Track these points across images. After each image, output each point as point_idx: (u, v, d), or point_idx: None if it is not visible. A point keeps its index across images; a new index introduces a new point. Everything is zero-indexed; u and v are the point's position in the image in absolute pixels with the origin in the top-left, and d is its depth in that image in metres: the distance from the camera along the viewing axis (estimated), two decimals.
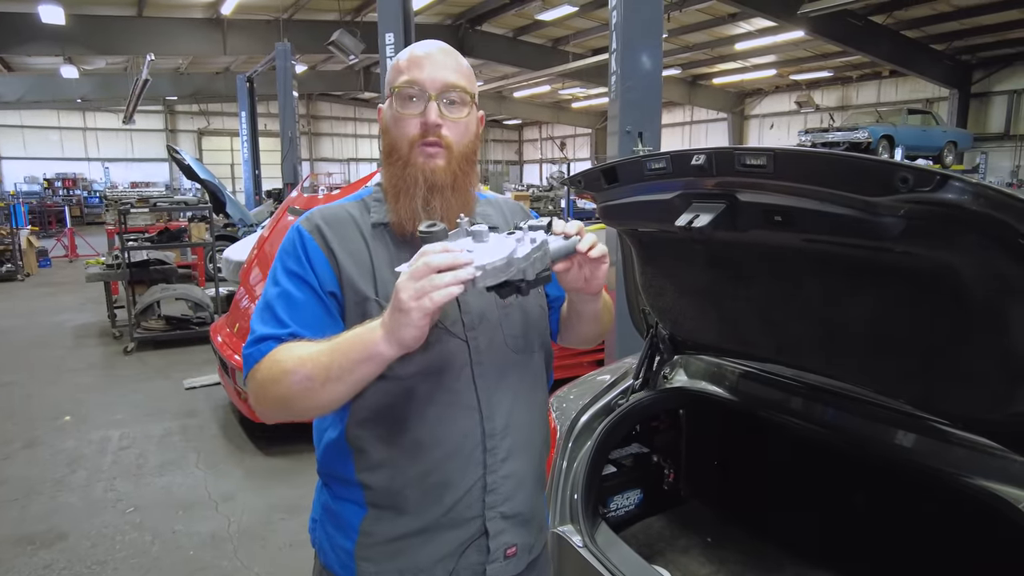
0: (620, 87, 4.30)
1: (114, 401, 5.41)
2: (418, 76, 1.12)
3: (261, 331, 1.09)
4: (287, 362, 1.02)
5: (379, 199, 1.20)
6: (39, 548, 3.27)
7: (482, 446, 1.15)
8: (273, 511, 3.56)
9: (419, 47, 1.17)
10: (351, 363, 0.97)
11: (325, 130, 30.54)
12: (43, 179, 24.96)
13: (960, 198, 1.04)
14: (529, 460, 1.23)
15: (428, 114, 1.11)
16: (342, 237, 1.14)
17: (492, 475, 1.16)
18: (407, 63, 1.15)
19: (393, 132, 1.15)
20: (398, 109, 1.13)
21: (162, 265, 7.62)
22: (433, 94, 1.11)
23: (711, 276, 1.85)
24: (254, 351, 1.08)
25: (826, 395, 1.96)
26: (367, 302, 1.11)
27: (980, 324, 1.27)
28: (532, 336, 1.24)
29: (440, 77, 1.12)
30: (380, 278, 1.12)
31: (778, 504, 2.35)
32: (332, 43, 10.77)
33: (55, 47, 13.67)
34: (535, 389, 1.26)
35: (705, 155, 1.40)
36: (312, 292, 1.11)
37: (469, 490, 1.14)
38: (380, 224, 1.17)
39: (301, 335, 1.07)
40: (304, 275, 1.11)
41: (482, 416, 1.15)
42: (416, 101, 1.12)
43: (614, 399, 2.19)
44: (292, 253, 1.14)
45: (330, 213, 1.18)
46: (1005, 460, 1.52)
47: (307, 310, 1.10)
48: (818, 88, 21.44)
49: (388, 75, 1.18)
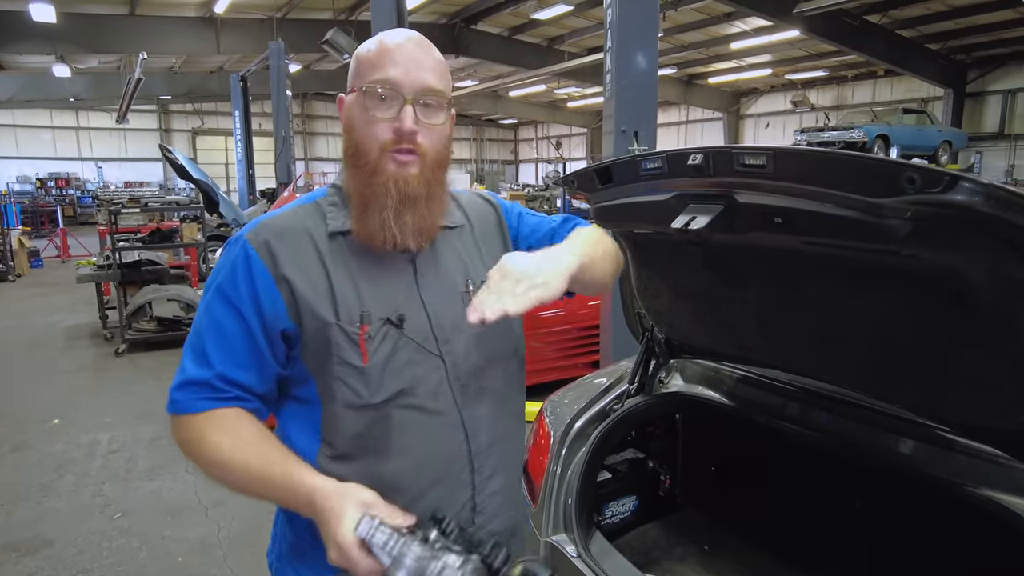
0: (615, 86, 4.26)
1: (104, 404, 5.35)
2: (393, 75, 1.02)
3: (188, 372, 1.02)
4: (210, 453, 1.01)
5: (335, 203, 1.09)
6: (24, 555, 3.21)
7: (469, 466, 1.09)
8: (263, 517, 3.49)
9: (391, 36, 1.06)
10: (275, 500, 0.99)
11: (320, 129, 30.47)
12: (36, 179, 24.84)
13: (970, 199, 1.00)
14: (513, 472, 1.19)
15: (403, 119, 1.01)
16: (295, 255, 1.03)
17: (480, 495, 1.10)
18: (378, 55, 1.04)
19: (360, 132, 1.04)
20: (369, 109, 1.02)
21: (154, 266, 7.55)
22: (409, 97, 1.02)
23: (708, 279, 1.81)
24: (180, 400, 1.03)
25: (824, 400, 1.92)
26: (329, 328, 1.02)
27: (988, 329, 1.23)
28: (508, 341, 1.17)
29: (418, 78, 1.02)
30: (340, 299, 1.03)
31: (775, 511, 2.31)
32: (326, 42, 10.70)
33: (47, 46, 13.58)
34: (513, 397, 1.20)
35: (702, 155, 1.35)
36: (245, 326, 1.01)
37: (458, 514, 1.08)
38: (338, 233, 1.06)
39: (230, 376, 1.01)
40: (240, 305, 1.01)
41: (467, 435, 1.08)
42: (388, 102, 1.02)
43: (609, 404, 2.15)
44: (231, 275, 1.02)
45: (280, 224, 1.05)
46: (1010, 469, 1.48)
47: (237, 347, 1.01)
48: (813, 87, 21.49)
49: (355, 64, 1.07)
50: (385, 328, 1.03)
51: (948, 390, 1.43)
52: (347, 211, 1.07)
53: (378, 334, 1.03)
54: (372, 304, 1.04)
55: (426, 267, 1.10)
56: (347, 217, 1.07)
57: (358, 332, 1.02)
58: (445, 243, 1.14)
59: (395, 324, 1.04)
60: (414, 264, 1.09)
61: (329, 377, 1.03)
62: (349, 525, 0.89)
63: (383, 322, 1.03)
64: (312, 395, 1.05)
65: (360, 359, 1.02)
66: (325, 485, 0.95)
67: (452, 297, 1.10)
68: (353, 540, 0.88)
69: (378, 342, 1.03)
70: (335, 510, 0.91)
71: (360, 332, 1.02)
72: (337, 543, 0.89)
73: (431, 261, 1.11)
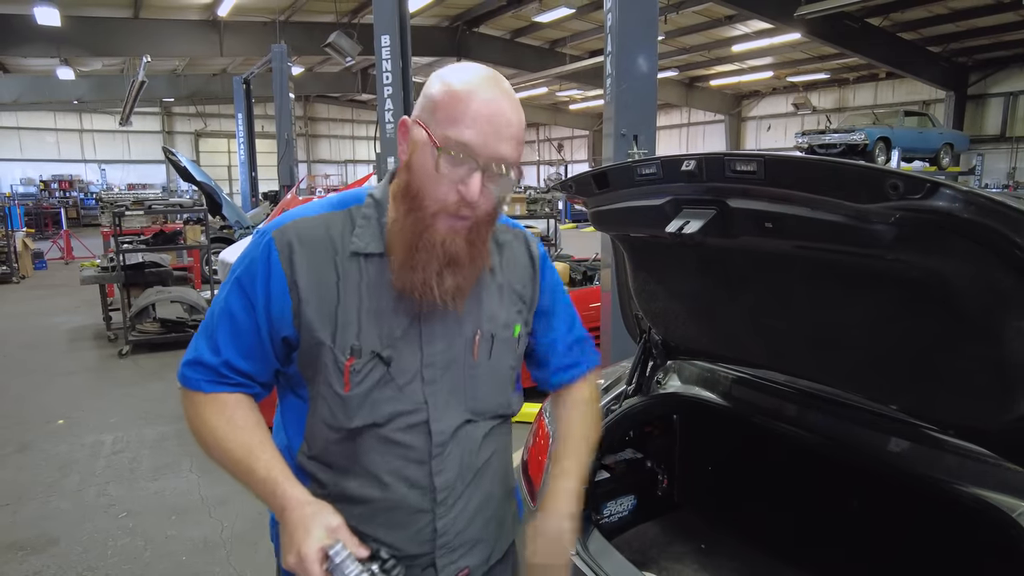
0: (615, 90, 4.28)
1: (108, 404, 5.39)
2: (470, 139, 0.95)
3: (199, 353, 1.08)
4: (207, 435, 1.06)
5: (368, 217, 1.07)
6: (29, 554, 3.24)
7: (432, 498, 1.10)
8: (266, 516, 3.51)
9: (481, 88, 0.97)
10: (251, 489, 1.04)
11: (322, 132, 30.52)
12: (39, 181, 24.91)
13: (951, 206, 1.03)
14: (488, 494, 1.18)
15: (470, 188, 0.97)
16: (313, 267, 1.03)
17: (441, 520, 1.11)
18: (463, 106, 0.96)
19: (423, 181, 0.99)
20: (440, 164, 0.96)
21: (157, 267, 7.58)
22: (482, 163, 0.96)
23: (703, 282, 1.84)
24: (189, 376, 1.08)
25: (819, 401, 1.95)
26: (321, 348, 1.03)
27: (973, 332, 1.26)
28: (498, 400, 1.16)
29: (496, 150, 0.97)
30: (341, 323, 1.03)
31: (771, 510, 2.33)
32: (329, 45, 10.77)
33: (51, 48, 13.64)
34: (494, 445, 1.19)
35: (695, 161, 1.38)
36: (255, 322, 1.05)
37: (417, 532, 1.10)
38: (360, 255, 1.05)
39: (235, 365, 1.06)
40: (254, 300, 1.04)
41: (432, 472, 1.09)
42: (462, 164, 0.97)
43: (607, 404, 2.17)
44: (251, 269, 1.05)
45: (307, 230, 1.05)
46: (998, 468, 1.51)
47: (246, 338, 1.06)
48: (815, 90, 21.49)
49: (441, 104, 0.98)
50: (373, 362, 1.04)
51: (938, 392, 1.45)
52: (377, 231, 1.06)
53: (364, 368, 1.04)
54: (367, 336, 1.04)
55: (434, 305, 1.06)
56: (373, 239, 1.06)
57: (345, 362, 1.04)
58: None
59: (383, 361, 1.05)
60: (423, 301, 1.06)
61: (315, 391, 1.07)
62: (314, 543, 0.93)
63: (372, 356, 1.04)
64: (305, 396, 1.10)
65: (342, 387, 1.04)
66: (299, 497, 0.99)
67: (455, 340, 1.10)
68: (316, 556, 0.92)
69: (363, 375, 1.04)
70: (304, 524, 0.95)
71: (347, 363, 1.04)
72: (301, 555, 0.93)
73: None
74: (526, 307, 1.20)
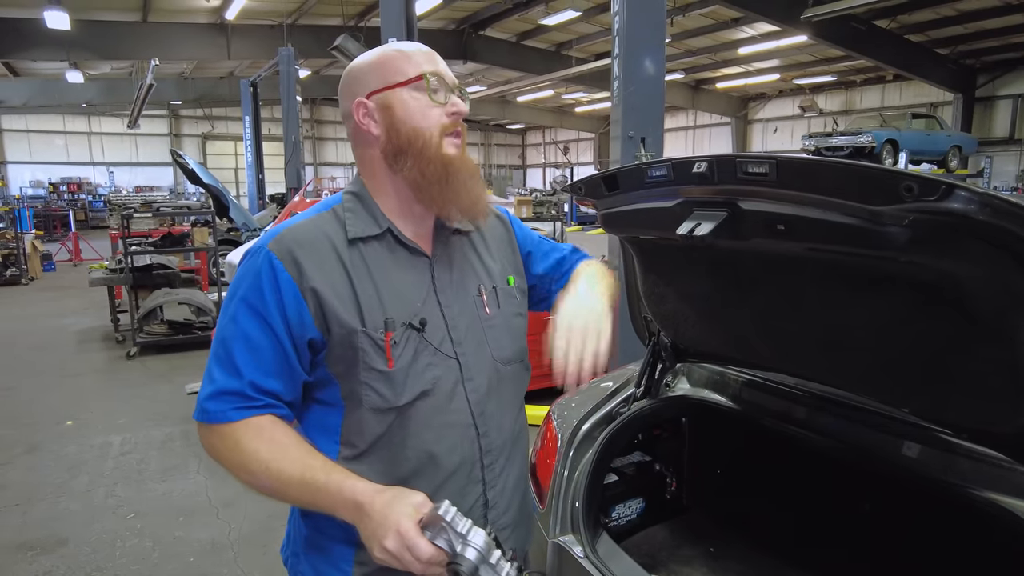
0: (622, 92, 4.28)
1: (116, 406, 5.41)
2: (440, 69, 1.11)
3: (219, 383, 1.03)
4: (251, 462, 1.01)
5: (353, 209, 1.12)
6: (39, 554, 3.26)
7: (480, 463, 1.14)
8: (273, 518, 3.54)
9: (408, 44, 1.15)
10: (312, 503, 1.01)
11: (329, 134, 30.60)
12: (48, 183, 25.06)
13: (966, 208, 1.02)
14: (521, 468, 1.23)
15: (459, 105, 1.11)
16: (319, 264, 1.05)
17: (492, 491, 1.15)
18: (419, 55, 1.12)
19: (413, 123, 1.08)
20: (425, 99, 1.09)
21: (165, 269, 7.62)
22: (449, 81, 1.12)
23: (713, 284, 1.83)
24: (213, 410, 1.02)
25: (830, 404, 1.94)
26: (355, 335, 1.04)
27: (987, 335, 1.25)
28: (516, 347, 1.23)
29: (447, 71, 1.13)
30: (365, 306, 1.05)
31: (781, 513, 2.32)
32: (335, 48, 10.78)
33: (60, 52, 13.76)
34: (518, 398, 1.26)
35: (706, 163, 1.38)
36: (273, 336, 1.02)
37: (470, 509, 1.12)
38: (358, 239, 1.09)
39: (261, 384, 1.03)
40: (267, 315, 1.02)
41: (478, 434, 1.13)
42: (439, 93, 1.10)
43: (616, 407, 2.16)
44: (256, 285, 1.03)
45: (302, 234, 1.07)
46: (1013, 472, 1.50)
47: (266, 355, 1.03)
48: (822, 92, 21.43)
49: (378, 67, 1.11)
50: (408, 333, 1.07)
51: (951, 395, 1.44)
52: (367, 216, 1.11)
53: (402, 339, 1.06)
54: (394, 310, 1.07)
55: (442, 270, 1.15)
56: (367, 223, 1.11)
57: (383, 338, 1.05)
58: (459, 248, 1.20)
59: (417, 328, 1.08)
60: (431, 268, 1.14)
61: (355, 382, 1.06)
62: (408, 520, 0.93)
63: (406, 327, 1.07)
64: (335, 398, 1.08)
65: (386, 364, 1.05)
66: (371, 487, 0.98)
67: (465, 300, 1.16)
68: (416, 529, 0.92)
69: (402, 347, 1.06)
70: (389, 507, 0.94)
71: (386, 338, 1.05)
72: (400, 531, 0.92)
73: (446, 265, 1.16)
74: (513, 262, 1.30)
